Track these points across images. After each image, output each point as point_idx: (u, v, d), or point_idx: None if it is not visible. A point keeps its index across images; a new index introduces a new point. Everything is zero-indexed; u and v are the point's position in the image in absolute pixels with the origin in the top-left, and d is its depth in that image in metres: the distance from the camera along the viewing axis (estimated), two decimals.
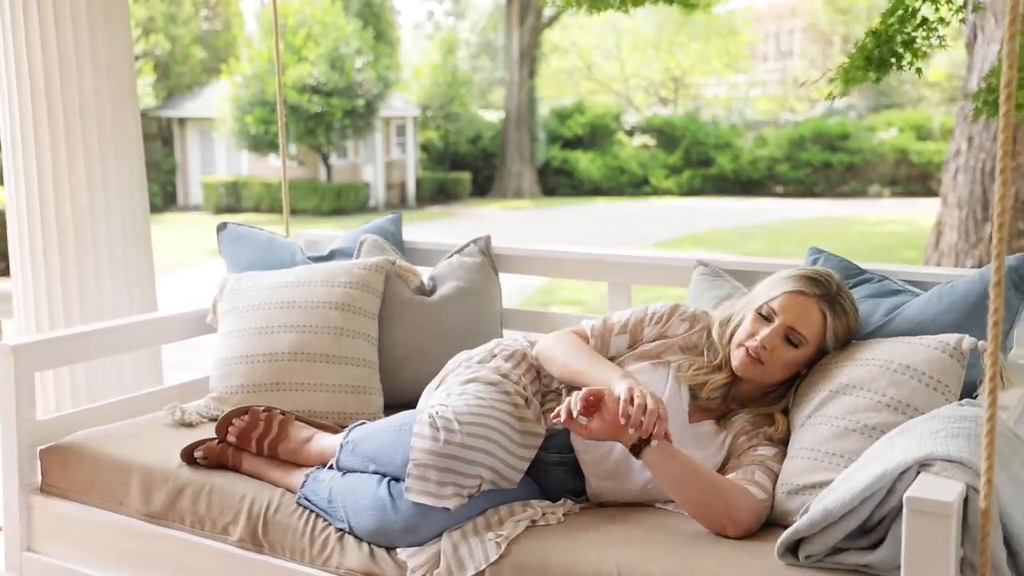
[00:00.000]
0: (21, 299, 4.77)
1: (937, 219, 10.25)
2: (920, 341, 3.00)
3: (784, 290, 3.12)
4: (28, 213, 4.68)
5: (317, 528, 3.10)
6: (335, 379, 3.73)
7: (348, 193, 29.61)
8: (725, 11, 37.65)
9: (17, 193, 4.70)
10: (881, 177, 33.35)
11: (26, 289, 4.73)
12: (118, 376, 4.76)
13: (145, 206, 4.93)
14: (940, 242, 10.09)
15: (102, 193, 4.70)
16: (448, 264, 4.16)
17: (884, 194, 33.01)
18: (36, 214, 4.67)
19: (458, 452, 2.88)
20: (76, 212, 4.66)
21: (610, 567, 2.69)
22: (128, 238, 4.81)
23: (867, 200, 32.13)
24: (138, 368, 4.83)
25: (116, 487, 3.48)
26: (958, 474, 2.31)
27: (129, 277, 4.82)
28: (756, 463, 2.97)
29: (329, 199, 29.13)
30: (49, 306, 4.68)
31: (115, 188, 4.75)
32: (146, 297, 4.91)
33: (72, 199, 4.66)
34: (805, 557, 2.57)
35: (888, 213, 27.69)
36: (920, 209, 26.79)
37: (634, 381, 2.96)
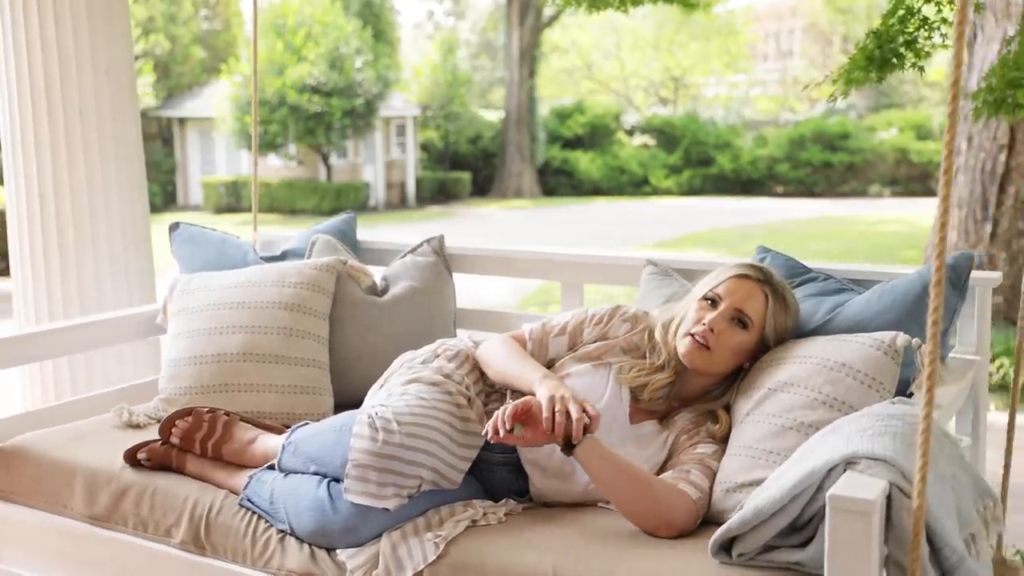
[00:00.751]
0: (21, 299, 4.79)
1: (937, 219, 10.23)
2: (856, 339, 3.01)
3: (728, 276, 3.16)
4: (28, 213, 4.70)
5: (259, 529, 3.09)
6: (284, 380, 3.72)
7: (348, 193, 29.61)
8: (725, 11, 37.66)
9: (17, 193, 4.72)
10: (881, 177, 33.32)
11: (26, 289, 4.75)
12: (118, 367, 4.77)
13: (145, 206, 4.96)
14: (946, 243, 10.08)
15: (102, 193, 4.72)
16: (401, 264, 4.15)
17: (884, 194, 32.98)
18: (36, 214, 4.69)
19: (397, 452, 2.87)
20: (76, 212, 4.69)
21: (546, 567, 2.69)
22: (128, 238, 4.83)
23: (867, 200, 32.09)
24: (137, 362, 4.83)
25: (60, 489, 3.46)
26: (882, 472, 2.32)
27: (129, 277, 4.84)
28: (694, 461, 2.97)
29: (329, 199, 29.13)
30: (49, 306, 4.70)
31: (115, 188, 4.77)
32: (146, 297, 4.94)
33: (72, 199, 4.68)
34: (738, 555, 2.58)
35: (888, 213, 27.65)
36: (920, 209, 26.77)
37: (556, 385, 2.95)
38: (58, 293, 4.68)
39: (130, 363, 4.81)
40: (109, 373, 4.74)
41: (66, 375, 4.73)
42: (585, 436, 2.83)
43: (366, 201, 30.44)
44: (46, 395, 4.73)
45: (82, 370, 4.73)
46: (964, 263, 3.24)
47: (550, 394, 2.88)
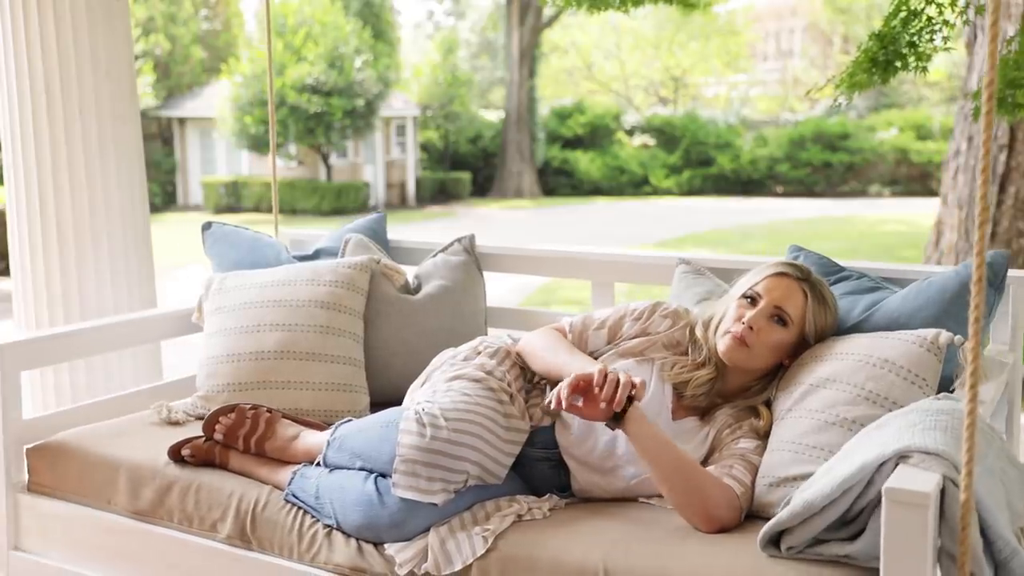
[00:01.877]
0: (21, 298, 4.78)
1: (937, 219, 10.25)
2: (898, 336, 3.03)
3: (767, 274, 3.19)
4: (28, 212, 4.70)
5: (305, 524, 3.11)
6: (321, 377, 3.75)
7: (348, 193, 29.60)
8: (725, 11, 37.69)
9: (17, 192, 4.72)
10: (881, 177, 33.34)
11: (26, 288, 4.74)
12: (119, 374, 4.77)
13: (145, 206, 4.95)
14: (940, 242, 10.09)
15: (102, 192, 4.72)
16: (432, 263, 4.19)
17: (884, 194, 33.00)
18: (36, 213, 4.68)
19: (445, 448, 2.90)
20: (76, 211, 4.68)
21: (595, 560, 2.71)
22: (128, 238, 4.83)
23: (867, 200, 32.11)
24: (138, 366, 4.84)
25: (104, 485, 3.49)
26: (935, 466, 2.33)
27: (129, 276, 4.83)
28: (736, 456, 2.99)
29: (329, 199, 29.13)
30: (49, 305, 4.70)
31: (115, 187, 4.76)
32: (146, 296, 4.93)
33: (72, 198, 4.67)
34: (787, 548, 2.59)
35: (888, 213, 27.67)
36: (920, 209, 26.77)
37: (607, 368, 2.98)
38: (58, 293, 4.68)
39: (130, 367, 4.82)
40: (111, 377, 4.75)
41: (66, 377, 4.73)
42: (631, 406, 2.87)
43: (366, 201, 30.42)
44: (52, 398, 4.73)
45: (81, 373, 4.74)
46: (1001, 261, 3.26)
47: (602, 366, 2.91)
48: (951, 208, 9.89)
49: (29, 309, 4.74)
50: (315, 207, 28.85)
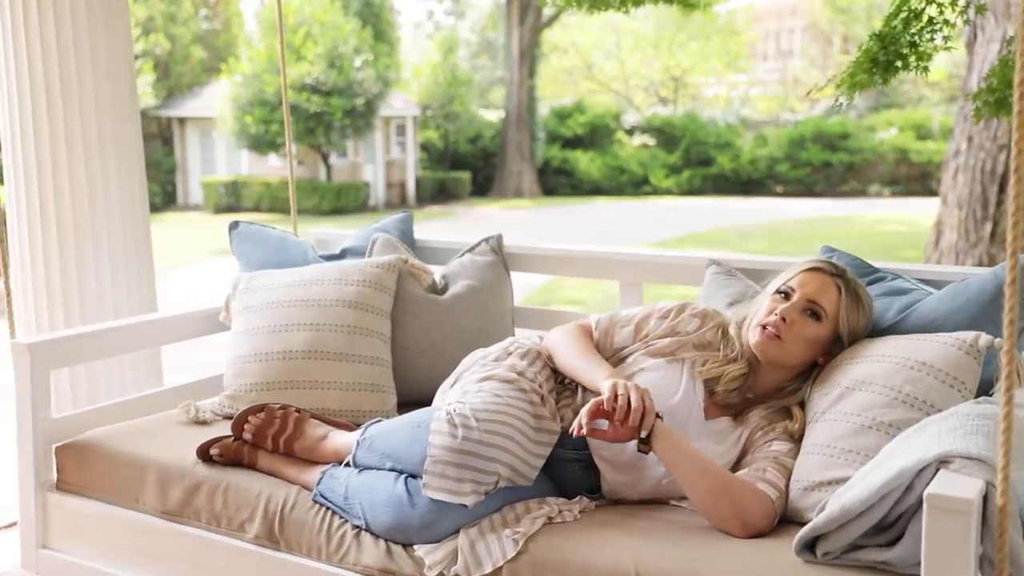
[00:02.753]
0: (21, 299, 4.77)
1: (937, 219, 10.26)
2: (936, 338, 3.00)
3: (801, 269, 3.20)
4: (28, 212, 4.68)
5: (334, 525, 3.11)
6: (349, 377, 3.75)
7: (348, 192, 29.57)
8: (725, 10, 37.67)
9: (17, 193, 4.70)
10: (881, 177, 33.32)
11: (25, 289, 4.73)
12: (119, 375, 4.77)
13: (145, 205, 4.94)
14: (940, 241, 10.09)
15: (102, 193, 4.71)
16: (460, 263, 4.18)
17: (884, 193, 32.98)
18: (36, 214, 4.67)
19: (476, 449, 2.90)
20: (76, 212, 4.67)
21: (627, 564, 2.70)
22: (128, 237, 4.81)
23: (867, 199, 32.10)
24: (138, 368, 4.84)
25: (132, 484, 3.49)
26: (978, 471, 2.32)
27: (129, 277, 4.82)
28: (770, 459, 2.98)
29: (329, 198, 29.09)
30: (49, 306, 4.68)
31: (115, 187, 4.75)
32: (146, 297, 4.92)
33: (72, 199, 4.66)
34: (823, 554, 2.57)
35: (888, 212, 27.66)
36: (920, 209, 26.75)
37: (619, 378, 3.01)
38: (58, 293, 4.66)
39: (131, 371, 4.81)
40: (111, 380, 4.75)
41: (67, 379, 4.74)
42: (656, 424, 2.89)
43: (366, 201, 30.40)
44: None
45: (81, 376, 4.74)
46: None
47: (612, 384, 2.93)
48: (951, 208, 9.89)
49: (29, 309, 4.73)
50: (315, 207, 28.81)
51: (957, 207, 9.79)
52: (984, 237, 9.58)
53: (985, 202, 9.55)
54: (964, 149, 9.69)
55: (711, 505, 2.85)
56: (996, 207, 9.46)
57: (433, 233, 4.68)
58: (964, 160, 9.67)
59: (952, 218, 9.83)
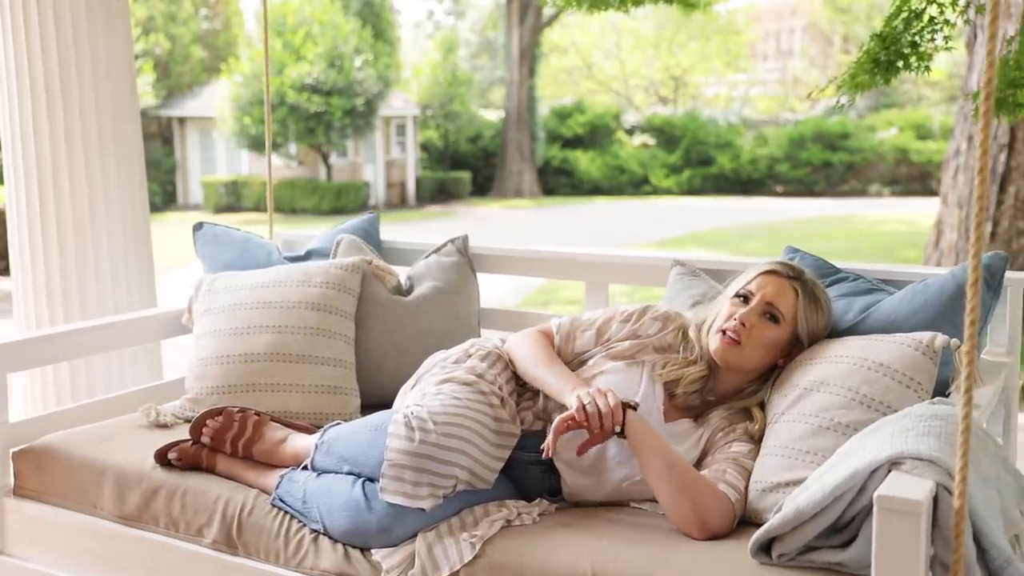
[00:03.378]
0: (21, 298, 4.78)
1: (937, 218, 10.25)
2: (894, 339, 3.00)
3: (758, 272, 3.18)
4: (28, 212, 4.70)
5: (292, 529, 3.08)
6: (311, 379, 3.71)
7: (348, 192, 29.61)
8: (725, 10, 37.69)
9: (17, 192, 4.71)
10: (881, 176, 33.33)
11: (26, 288, 4.74)
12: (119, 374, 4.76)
13: (145, 205, 4.95)
14: (940, 241, 10.08)
15: (102, 192, 4.72)
16: (425, 264, 4.15)
17: (884, 193, 33.00)
18: (36, 213, 4.68)
19: (433, 452, 2.87)
20: (76, 211, 4.68)
21: (584, 567, 2.68)
22: (128, 237, 4.82)
23: (867, 199, 32.12)
24: (139, 365, 4.83)
25: (89, 489, 3.45)
26: (928, 472, 2.30)
27: (129, 276, 4.83)
28: (729, 460, 2.96)
29: (329, 198, 29.13)
30: (49, 305, 4.69)
31: (115, 187, 4.76)
32: (146, 296, 4.93)
33: (72, 198, 4.67)
34: (778, 556, 2.57)
35: (888, 212, 27.68)
36: (920, 208, 26.77)
37: (581, 388, 3.00)
38: (58, 292, 4.67)
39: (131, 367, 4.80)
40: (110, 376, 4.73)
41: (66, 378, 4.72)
42: (628, 415, 2.89)
43: (366, 201, 30.44)
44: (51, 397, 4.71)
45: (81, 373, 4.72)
46: (999, 263, 3.24)
47: (577, 398, 2.92)
48: (951, 208, 9.88)
49: (29, 308, 4.74)
50: (315, 207, 28.85)
51: (957, 207, 9.78)
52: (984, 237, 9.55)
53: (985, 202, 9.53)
54: (964, 149, 9.68)
55: (674, 502, 2.83)
56: (996, 207, 9.44)
57: (399, 234, 4.65)
58: (964, 160, 9.66)
59: (952, 218, 9.83)
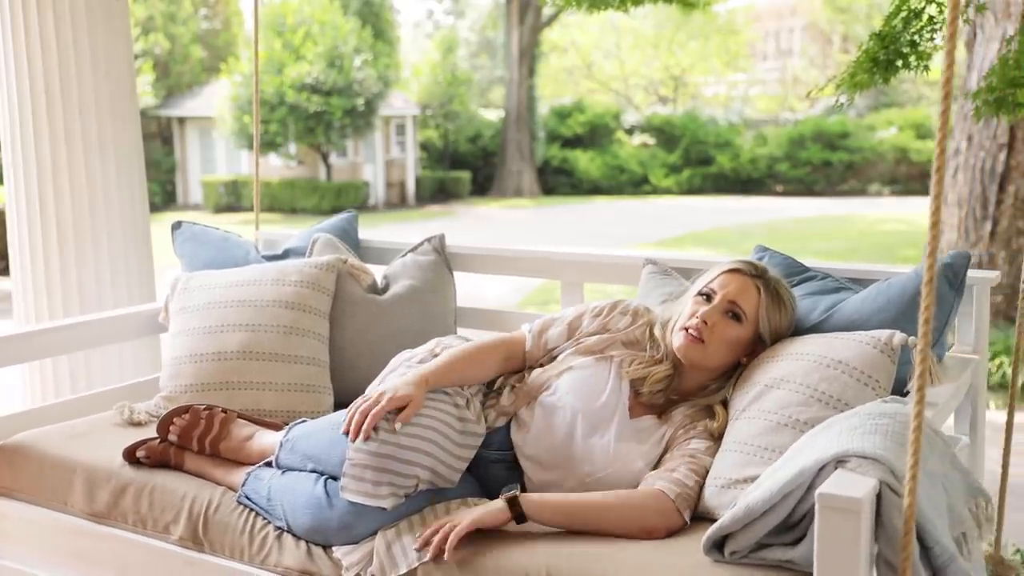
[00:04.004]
0: (21, 298, 4.79)
1: None
2: (853, 337, 3.02)
3: (721, 271, 3.20)
4: (28, 212, 4.71)
5: (256, 526, 3.11)
6: (285, 378, 3.74)
7: (348, 192, 29.60)
8: (725, 10, 37.64)
9: (17, 192, 4.73)
10: (881, 176, 33.28)
11: (26, 288, 4.76)
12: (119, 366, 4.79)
13: (145, 205, 4.97)
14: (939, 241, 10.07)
15: (102, 192, 4.73)
16: (401, 263, 4.17)
17: (884, 193, 32.94)
18: (36, 213, 4.70)
19: (394, 452, 2.88)
20: (76, 211, 4.69)
21: (539, 565, 2.70)
22: (128, 237, 4.84)
23: (867, 199, 32.05)
24: (138, 360, 4.85)
25: (61, 486, 3.48)
26: (872, 470, 2.32)
27: (129, 276, 4.85)
28: (684, 456, 2.99)
29: (329, 198, 29.12)
30: (49, 305, 4.71)
31: (115, 187, 4.78)
32: (146, 296, 4.95)
33: (72, 198, 4.68)
34: (730, 553, 2.58)
35: (888, 212, 27.63)
36: (920, 208, 26.74)
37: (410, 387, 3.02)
38: (58, 292, 4.69)
39: (131, 361, 4.82)
40: (110, 371, 4.75)
41: (66, 373, 4.74)
42: (522, 498, 2.85)
43: (366, 200, 30.43)
44: (46, 393, 4.73)
45: (82, 368, 4.74)
46: (961, 262, 3.26)
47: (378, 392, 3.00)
48: (951, 207, 9.88)
49: (29, 308, 4.76)
50: (315, 206, 28.85)
51: (957, 206, 9.78)
52: (984, 236, 9.57)
53: (985, 201, 9.53)
54: (964, 148, 9.68)
55: (612, 529, 2.84)
56: (996, 206, 9.45)
57: (378, 233, 4.66)
58: (964, 159, 9.66)
59: (952, 217, 9.82)
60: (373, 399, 2.95)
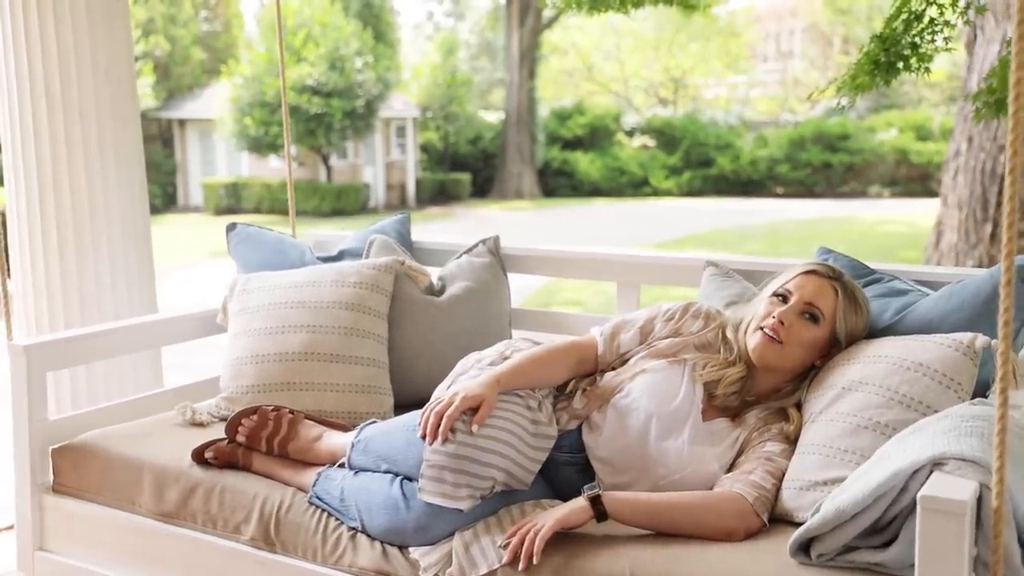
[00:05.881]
0: (21, 300, 4.78)
1: (937, 219, 10.25)
2: (933, 339, 3.00)
3: (797, 272, 3.19)
4: (28, 214, 4.69)
5: (329, 527, 3.11)
6: (345, 379, 3.74)
7: (348, 194, 29.59)
8: (725, 12, 37.64)
9: (17, 194, 4.71)
10: (881, 177, 33.33)
11: (26, 290, 4.73)
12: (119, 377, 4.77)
13: (145, 207, 4.95)
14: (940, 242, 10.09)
15: (102, 194, 4.71)
16: (457, 264, 4.17)
17: (884, 194, 32.98)
18: (36, 215, 4.67)
19: (471, 453, 2.88)
20: (76, 213, 4.67)
21: (622, 566, 2.69)
22: (128, 239, 4.82)
23: (867, 200, 32.10)
24: (138, 370, 4.84)
25: (128, 486, 3.49)
26: (971, 473, 2.31)
27: (129, 278, 4.83)
28: (760, 459, 2.98)
29: (329, 200, 29.11)
30: (49, 307, 4.69)
31: (115, 189, 4.76)
32: (146, 298, 4.93)
33: (72, 200, 4.66)
34: (818, 556, 2.57)
35: (888, 213, 27.66)
36: (920, 209, 26.76)
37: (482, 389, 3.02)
38: (58, 294, 4.67)
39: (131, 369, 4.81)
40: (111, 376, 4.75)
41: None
42: (605, 496, 2.85)
43: (366, 202, 30.42)
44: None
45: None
46: None
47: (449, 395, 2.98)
48: (951, 209, 9.89)
49: (29, 310, 4.73)
50: (315, 208, 28.83)
51: (957, 208, 9.79)
52: (984, 238, 9.58)
53: (985, 203, 9.55)
54: (964, 150, 9.69)
55: (693, 531, 2.83)
56: (996, 208, 9.45)
57: (431, 235, 4.67)
58: (964, 161, 9.67)
59: (952, 219, 9.84)
60: (446, 401, 2.95)
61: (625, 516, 2.85)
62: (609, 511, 2.83)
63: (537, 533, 2.78)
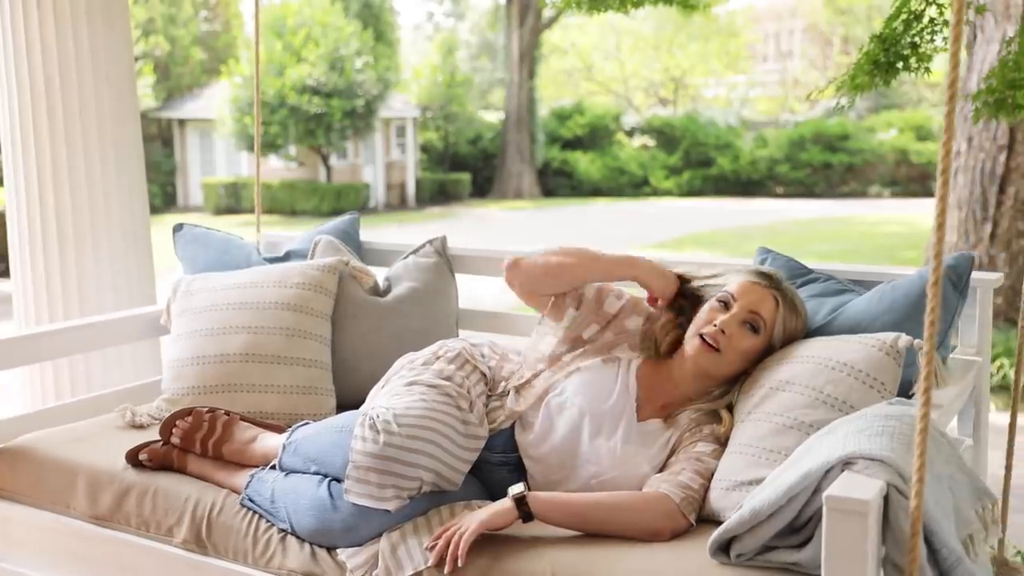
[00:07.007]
0: (21, 300, 4.79)
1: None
2: (858, 339, 3.01)
3: (740, 280, 3.17)
4: (28, 214, 4.71)
5: (260, 529, 3.10)
6: (287, 380, 3.72)
7: (348, 194, 29.60)
8: (725, 12, 37.64)
9: (17, 194, 4.73)
10: (881, 177, 33.31)
11: (26, 290, 4.75)
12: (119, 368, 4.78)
13: (145, 207, 4.96)
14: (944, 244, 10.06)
15: (102, 194, 4.73)
16: (403, 265, 4.15)
17: (884, 194, 32.97)
18: (36, 215, 4.69)
19: (397, 454, 2.87)
20: (76, 213, 4.69)
21: (544, 567, 2.69)
22: (128, 239, 4.84)
23: (867, 200, 32.09)
24: (137, 362, 4.84)
25: (63, 489, 3.47)
26: (880, 472, 2.31)
27: (129, 278, 4.84)
28: (691, 459, 2.97)
29: (329, 200, 29.12)
30: (49, 307, 4.70)
31: (115, 189, 4.77)
32: (146, 298, 4.94)
33: (72, 200, 4.68)
34: (736, 556, 2.57)
35: (888, 213, 27.66)
36: (920, 209, 26.77)
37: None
38: (58, 294, 4.68)
39: (130, 364, 4.81)
40: (110, 374, 4.75)
41: (66, 376, 4.73)
42: (527, 494, 2.84)
43: (366, 202, 30.43)
44: (46, 396, 4.73)
45: (82, 371, 4.73)
46: (965, 263, 3.24)
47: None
48: (951, 209, 9.87)
49: (29, 310, 4.75)
50: (315, 208, 28.85)
51: (957, 208, 9.77)
52: (984, 238, 9.56)
53: (985, 203, 9.53)
54: (964, 150, 9.67)
55: (619, 531, 2.83)
56: (996, 208, 9.44)
57: (380, 235, 4.65)
58: (964, 161, 9.65)
59: (952, 219, 9.82)
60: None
61: (551, 516, 2.83)
62: (535, 511, 2.82)
63: (462, 536, 2.77)
